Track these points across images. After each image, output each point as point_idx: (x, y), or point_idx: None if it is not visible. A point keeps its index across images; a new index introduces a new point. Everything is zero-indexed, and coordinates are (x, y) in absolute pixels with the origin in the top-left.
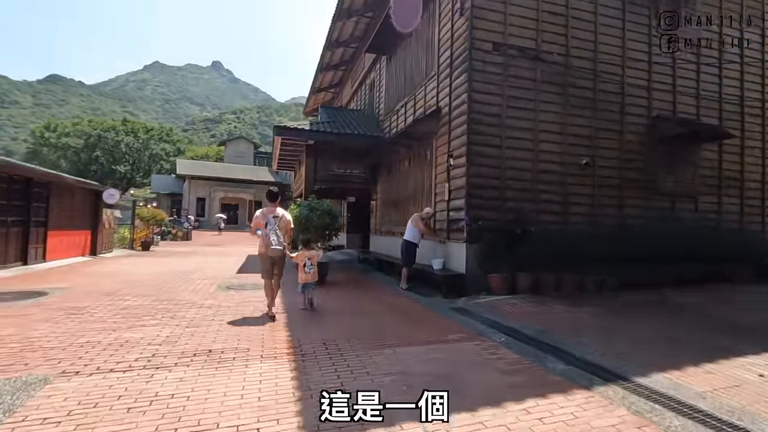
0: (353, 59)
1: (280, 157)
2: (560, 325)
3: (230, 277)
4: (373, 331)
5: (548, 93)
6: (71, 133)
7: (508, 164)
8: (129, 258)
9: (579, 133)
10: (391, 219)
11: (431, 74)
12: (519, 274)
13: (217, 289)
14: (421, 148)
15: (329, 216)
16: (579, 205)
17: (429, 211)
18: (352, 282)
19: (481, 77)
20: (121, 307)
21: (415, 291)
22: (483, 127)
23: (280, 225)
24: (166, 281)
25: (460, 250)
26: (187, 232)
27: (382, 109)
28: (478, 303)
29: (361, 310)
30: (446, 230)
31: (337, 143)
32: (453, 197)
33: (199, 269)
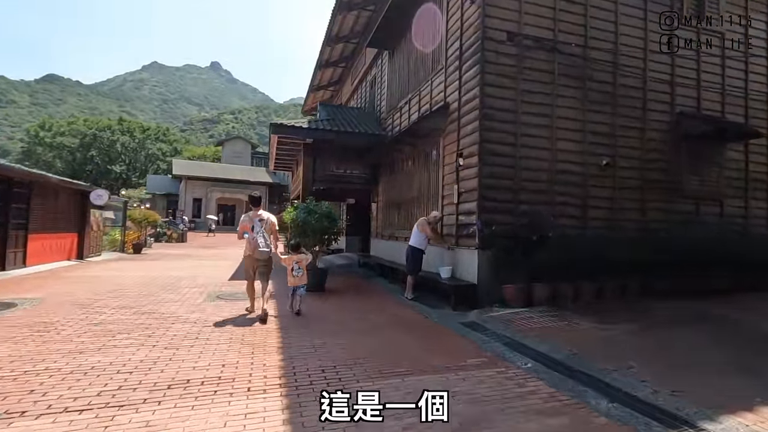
0: (353, 56)
1: (277, 156)
2: (592, 346)
3: (222, 285)
4: (380, 353)
5: (566, 87)
6: (66, 133)
7: (522, 164)
8: (117, 262)
9: (598, 130)
10: (394, 222)
11: (438, 68)
12: (535, 284)
13: (205, 299)
14: (426, 147)
15: (328, 219)
16: (598, 209)
17: (436, 215)
18: (353, 289)
19: (494, 69)
20: (95, 321)
21: (422, 301)
22: (496, 124)
23: (265, 227)
24: (151, 290)
25: (471, 257)
26: (182, 234)
27: (384, 107)
28: (493, 317)
29: (365, 324)
30: (455, 236)
31: (337, 142)
32: (463, 200)
33: (190, 275)
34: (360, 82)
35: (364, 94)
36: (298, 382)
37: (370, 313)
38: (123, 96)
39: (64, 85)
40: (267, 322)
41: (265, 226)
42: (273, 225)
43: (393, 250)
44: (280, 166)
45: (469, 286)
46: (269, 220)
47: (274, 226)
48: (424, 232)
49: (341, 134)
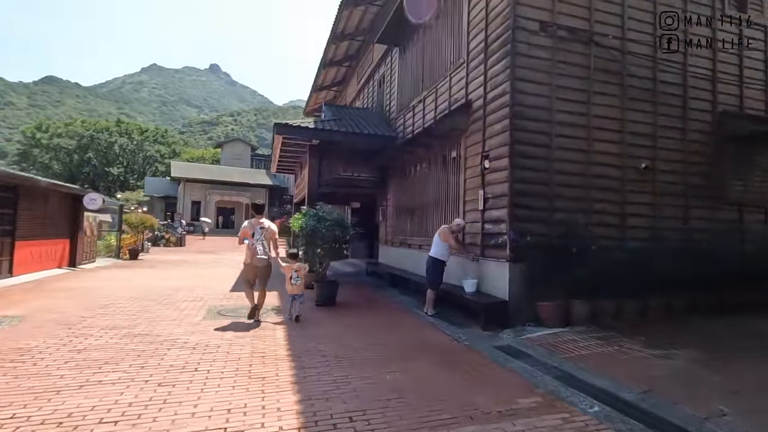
0: (359, 54)
1: (280, 158)
2: (662, 382)
3: (222, 296)
4: (413, 391)
5: (603, 83)
6: (63, 134)
7: (556, 167)
8: (111, 270)
9: (637, 130)
10: (406, 229)
11: (459, 63)
12: (573, 301)
13: (206, 315)
14: (444, 149)
15: (340, 227)
16: (638, 217)
17: (460, 223)
18: (366, 303)
19: (526, 63)
20: (80, 347)
21: (444, 318)
22: (528, 123)
23: (265, 235)
24: (146, 304)
25: (501, 270)
26: (180, 238)
27: (394, 107)
28: (531, 339)
29: (388, 350)
30: (480, 245)
31: (344, 143)
32: (489, 206)
33: (188, 285)
34: (366, 81)
35: (370, 94)
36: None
37: (392, 334)
38: (122, 98)
39: (63, 87)
40: (260, 326)
41: (266, 233)
42: (273, 233)
43: (405, 258)
44: (283, 168)
45: (499, 303)
46: (270, 228)
47: (274, 234)
48: (446, 241)
49: (349, 135)
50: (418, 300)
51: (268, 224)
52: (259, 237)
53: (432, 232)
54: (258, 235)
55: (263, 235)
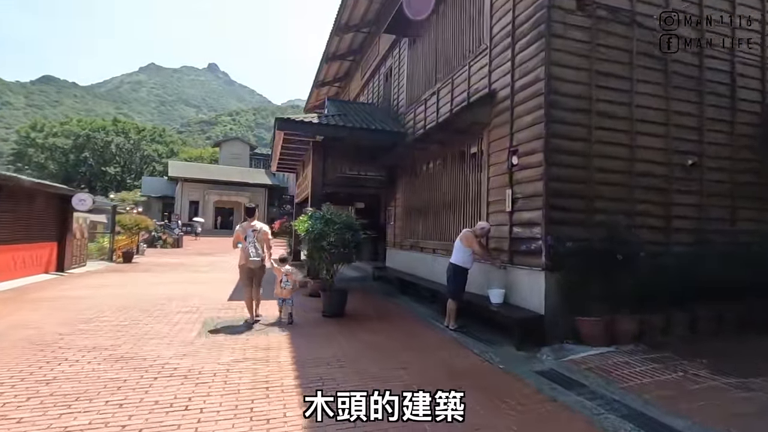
0: (363, 47)
1: (281, 156)
2: (755, 422)
3: (219, 307)
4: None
5: (646, 69)
6: (59, 134)
7: (596, 164)
8: (103, 275)
9: (683, 123)
10: (417, 231)
11: (480, 50)
12: (619, 315)
13: (200, 332)
14: (462, 144)
15: (350, 231)
16: (683, 219)
17: (484, 226)
18: (378, 314)
19: (562, 45)
20: (51, 376)
21: (469, 333)
22: (565, 114)
23: (258, 237)
24: (134, 316)
25: (535, 280)
26: (177, 239)
27: (403, 101)
28: (575, 362)
29: (413, 378)
30: (508, 251)
31: (349, 140)
32: (519, 207)
33: (182, 294)
34: (372, 75)
35: (376, 89)
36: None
37: (413, 354)
38: (120, 98)
39: (60, 87)
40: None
41: (258, 236)
42: (266, 234)
43: (416, 262)
44: (284, 167)
45: (534, 318)
46: (262, 230)
47: (266, 235)
48: (469, 247)
49: (357, 131)
50: (433, 310)
51: (260, 226)
52: (251, 240)
53: (448, 235)
54: (251, 238)
55: (256, 237)
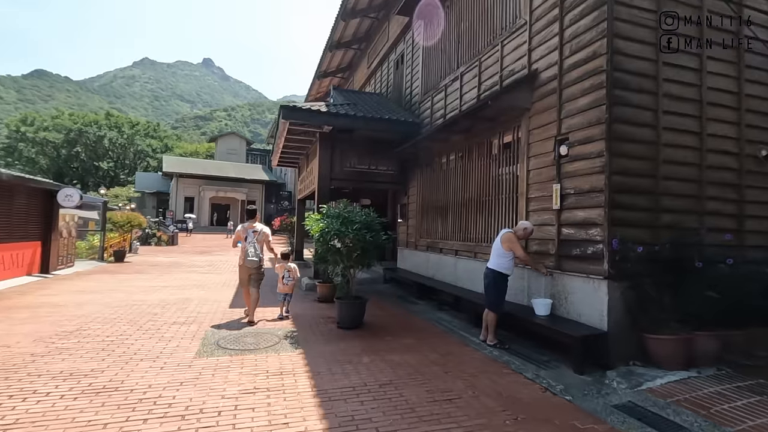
0: (370, 34)
1: (284, 149)
2: None
3: (222, 316)
4: None
5: (717, 45)
6: (50, 128)
7: (664, 155)
8: (92, 276)
9: (757, 107)
10: (435, 230)
11: (516, 26)
12: (698, 333)
13: (199, 351)
14: (492, 134)
15: (371, 231)
16: (758, 219)
17: (528, 226)
18: (399, 325)
19: (627, 14)
20: (9, 419)
21: (512, 350)
22: (631, 95)
23: (258, 239)
24: (122, 329)
25: (594, 290)
26: (172, 236)
27: (417, 89)
28: (656, 392)
29: (465, 416)
30: (554, 255)
31: (359, 132)
32: (570, 205)
33: (178, 299)
34: (380, 63)
35: (385, 78)
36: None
37: (456, 381)
38: (113, 92)
39: (53, 81)
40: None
41: (258, 237)
42: (266, 236)
43: (435, 265)
44: (286, 161)
45: (596, 336)
46: (263, 231)
47: (267, 236)
48: (510, 250)
49: (372, 121)
50: (460, 319)
51: (261, 228)
52: (251, 240)
53: (473, 236)
54: (251, 239)
55: (256, 238)
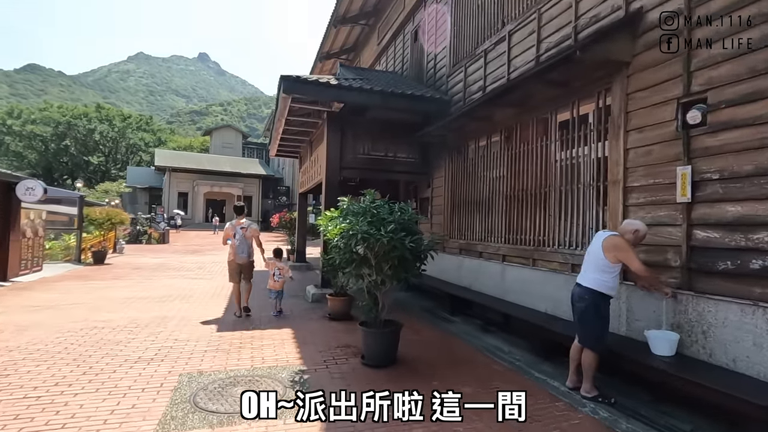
0: (379, 8)
1: (284, 133)
2: None
3: (206, 346)
4: None
5: None
6: (38, 120)
7: None
8: (57, 285)
9: None
10: (470, 229)
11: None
12: None
13: (164, 419)
14: (558, 105)
15: (410, 235)
16: None
17: (639, 228)
18: (443, 357)
19: None
20: None
21: (619, 406)
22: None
23: (246, 235)
24: (66, 374)
25: (765, 324)
26: (163, 234)
27: (443, 60)
28: None
29: None
30: (680, 268)
31: (374, 112)
32: (711, 196)
33: (156, 316)
34: (393, 37)
35: (400, 53)
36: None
37: None
38: (108, 87)
39: (46, 76)
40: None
41: (246, 233)
42: (254, 231)
43: (472, 272)
44: (285, 150)
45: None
46: (250, 227)
47: (255, 232)
48: (620, 261)
49: (390, 97)
50: (519, 348)
51: (249, 224)
52: (240, 236)
53: (527, 238)
54: (239, 235)
55: (244, 234)
